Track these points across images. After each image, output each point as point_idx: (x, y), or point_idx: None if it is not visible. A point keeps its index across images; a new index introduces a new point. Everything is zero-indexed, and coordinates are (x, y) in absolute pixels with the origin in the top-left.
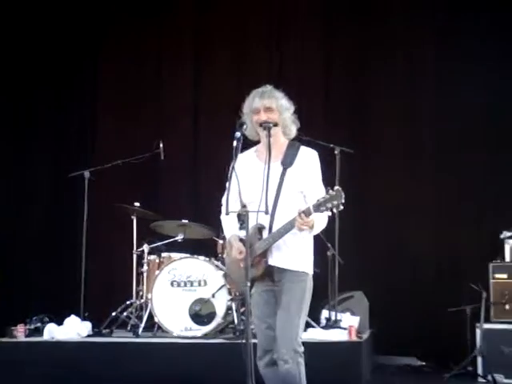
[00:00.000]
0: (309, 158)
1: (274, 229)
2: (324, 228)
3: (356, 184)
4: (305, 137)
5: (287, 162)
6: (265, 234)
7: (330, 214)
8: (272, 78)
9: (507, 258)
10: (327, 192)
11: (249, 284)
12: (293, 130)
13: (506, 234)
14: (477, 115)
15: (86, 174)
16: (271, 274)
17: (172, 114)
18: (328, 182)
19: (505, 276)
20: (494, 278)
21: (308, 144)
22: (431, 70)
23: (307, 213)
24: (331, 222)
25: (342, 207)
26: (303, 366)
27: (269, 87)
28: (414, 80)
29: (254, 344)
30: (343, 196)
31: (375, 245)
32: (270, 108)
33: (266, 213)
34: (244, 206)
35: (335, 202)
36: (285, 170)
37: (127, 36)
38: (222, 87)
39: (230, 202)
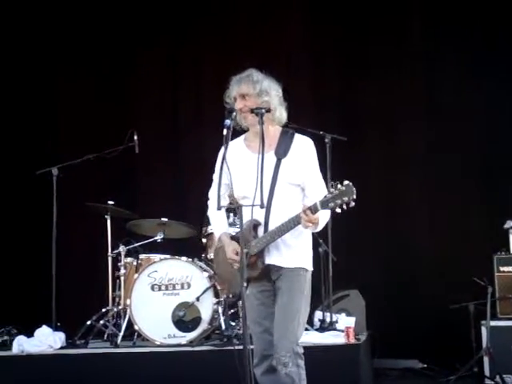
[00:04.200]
0: (305, 148)
1: (270, 225)
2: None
3: (348, 174)
4: (291, 124)
5: (281, 151)
6: (260, 230)
7: (339, 211)
8: (257, 60)
9: None
10: (335, 186)
11: (245, 284)
12: (282, 114)
13: (510, 223)
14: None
15: (54, 170)
16: (268, 274)
17: (147, 102)
18: None
19: (510, 269)
20: (498, 271)
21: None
22: (419, 52)
23: (313, 209)
24: None
25: (353, 204)
26: (304, 369)
27: (248, 71)
28: (403, 63)
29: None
30: (355, 191)
31: (370, 239)
32: (247, 94)
33: (262, 207)
34: (233, 201)
35: (345, 199)
36: (279, 160)
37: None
38: (203, 74)
39: (221, 195)
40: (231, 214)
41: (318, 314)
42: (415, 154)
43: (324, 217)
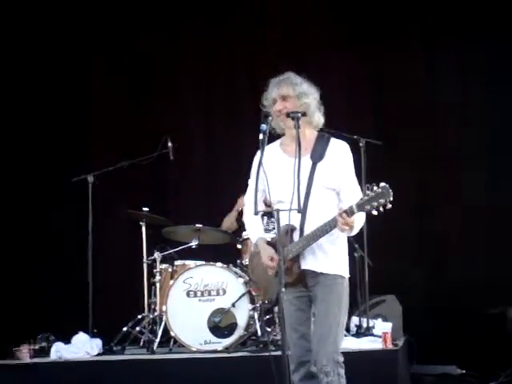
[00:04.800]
0: (340, 152)
1: (306, 229)
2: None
3: (383, 179)
4: (326, 129)
5: (317, 155)
6: (295, 235)
7: (376, 213)
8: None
9: None
10: (371, 188)
11: (283, 290)
12: (320, 119)
13: None
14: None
15: (90, 178)
16: (304, 280)
17: (181, 108)
18: None
19: None
20: None
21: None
22: (454, 59)
23: (350, 212)
24: None
25: (390, 205)
26: (344, 378)
27: (286, 74)
28: (436, 70)
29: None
30: (391, 193)
31: (406, 244)
32: (287, 96)
33: (299, 211)
34: (269, 206)
35: (382, 201)
36: (314, 164)
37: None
38: (236, 81)
39: (257, 202)
40: (265, 219)
41: (355, 320)
42: (449, 156)
43: (359, 220)
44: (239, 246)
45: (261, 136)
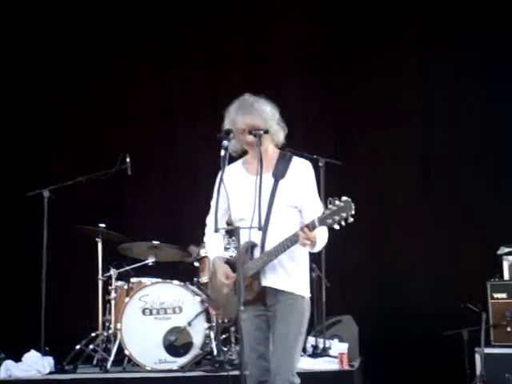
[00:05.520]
0: (302, 169)
1: (267, 246)
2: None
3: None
4: (286, 148)
5: (279, 173)
6: (256, 252)
7: (337, 227)
8: (248, 81)
9: (506, 276)
10: (333, 202)
11: (242, 308)
12: (281, 137)
13: (503, 249)
14: (477, 123)
15: (46, 192)
16: (264, 298)
17: (138, 122)
18: None
19: (504, 295)
20: (492, 298)
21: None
22: (415, 70)
23: (311, 226)
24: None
25: (351, 219)
26: None
27: (248, 99)
28: (398, 80)
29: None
30: (353, 207)
31: (363, 263)
32: (254, 126)
33: (260, 229)
34: (230, 224)
35: (344, 215)
36: (276, 181)
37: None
38: (196, 93)
39: (219, 219)
40: (225, 238)
41: (311, 340)
42: (410, 175)
43: (322, 236)
44: (196, 264)
45: (222, 152)
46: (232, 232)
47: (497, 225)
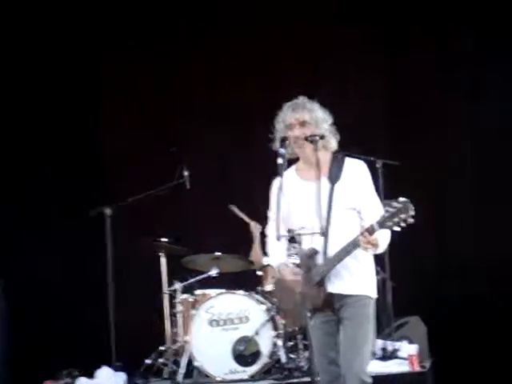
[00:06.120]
0: (356, 170)
1: (329, 252)
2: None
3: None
4: (342, 152)
5: (334, 176)
6: (319, 258)
7: (398, 229)
8: (305, 89)
9: None
10: (391, 204)
11: (309, 314)
12: (333, 143)
13: None
14: None
15: (107, 210)
16: (332, 304)
17: (194, 133)
18: None
19: None
20: None
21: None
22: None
23: (371, 230)
24: None
25: (411, 220)
26: None
27: (301, 99)
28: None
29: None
30: (412, 207)
31: (428, 263)
32: (304, 122)
33: (322, 234)
34: (290, 232)
35: (403, 216)
36: (332, 185)
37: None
38: (251, 110)
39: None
40: (287, 245)
41: (380, 343)
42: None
43: (384, 237)
44: (259, 273)
45: (280, 160)
46: (293, 239)
47: None
